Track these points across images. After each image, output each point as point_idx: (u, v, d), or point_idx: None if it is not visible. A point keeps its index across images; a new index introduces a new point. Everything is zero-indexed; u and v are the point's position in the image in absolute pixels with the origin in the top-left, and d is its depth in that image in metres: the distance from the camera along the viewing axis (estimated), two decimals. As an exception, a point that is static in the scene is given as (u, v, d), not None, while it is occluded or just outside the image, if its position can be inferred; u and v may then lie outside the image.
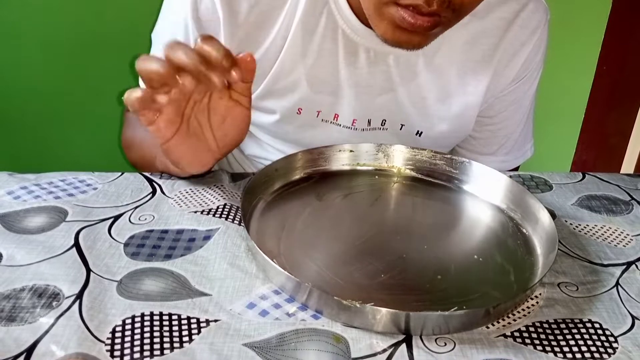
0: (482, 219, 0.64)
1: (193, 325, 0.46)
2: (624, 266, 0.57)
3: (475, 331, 0.47)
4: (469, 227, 0.63)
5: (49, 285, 0.49)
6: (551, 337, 0.47)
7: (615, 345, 0.47)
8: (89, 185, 0.64)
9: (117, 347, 0.43)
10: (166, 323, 0.46)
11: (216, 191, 0.64)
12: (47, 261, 0.51)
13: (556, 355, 0.46)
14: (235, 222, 0.59)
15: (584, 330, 0.48)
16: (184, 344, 0.44)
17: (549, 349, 0.46)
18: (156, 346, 0.44)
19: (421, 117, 0.77)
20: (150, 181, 0.66)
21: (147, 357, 0.43)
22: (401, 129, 0.78)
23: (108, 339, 0.44)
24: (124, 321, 0.46)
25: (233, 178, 0.69)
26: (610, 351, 0.46)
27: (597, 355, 0.46)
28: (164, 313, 0.47)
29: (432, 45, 0.65)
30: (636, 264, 0.57)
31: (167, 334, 0.45)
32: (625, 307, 0.51)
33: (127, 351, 0.43)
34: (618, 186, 0.72)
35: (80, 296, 0.48)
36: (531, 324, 0.49)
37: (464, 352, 0.45)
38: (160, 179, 0.66)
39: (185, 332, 0.45)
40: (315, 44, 0.70)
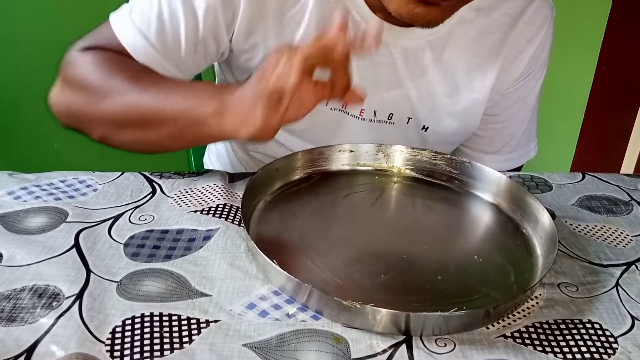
0: (482, 219, 0.64)
1: (193, 326, 0.46)
2: (624, 267, 0.57)
3: (476, 332, 0.47)
4: (469, 227, 0.63)
5: (49, 286, 0.49)
6: (551, 338, 0.47)
7: (615, 345, 0.47)
8: (89, 186, 0.64)
9: (117, 347, 0.43)
10: (166, 324, 0.46)
11: (216, 190, 0.64)
12: (47, 261, 0.51)
13: (556, 356, 0.46)
14: (235, 222, 0.59)
15: (583, 331, 0.48)
16: (184, 345, 0.44)
17: (549, 349, 0.46)
18: (156, 347, 0.44)
19: (429, 112, 0.77)
20: (150, 181, 0.66)
21: (147, 357, 0.43)
22: (408, 122, 0.78)
23: (108, 339, 0.44)
24: (123, 322, 0.46)
25: (232, 178, 0.69)
26: (610, 351, 0.46)
27: (596, 356, 0.46)
28: (164, 314, 0.47)
29: (439, 41, 0.64)
30: (636, 264, 0.57)
31: (167, 334, 0.45)
32: (625, 307, 0.51)
33: (127, 352, 0.43)
34: (618, 186, 0.72)
35: (80, 296, 0.48)
36: (531, 325, 0.49)
37: (464, 353, 0.45)
38: (161, 179, 0.66)
39: (185, 333, 0.45)
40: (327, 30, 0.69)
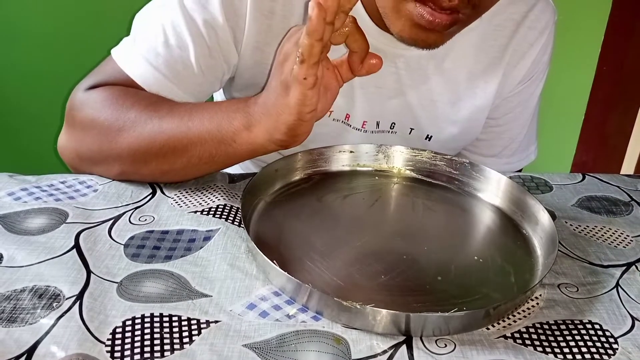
0: (482, 220, 0.64)
1: (193, 327, 0.46)
2: (624, 267, 0.57)
3: (476, 332, 0.47)
4: (469, 228, 0.63)
5: (49, 287, 0.49)
6: (551, 338, 0.47)
7: (615, 346, 0.47)
8: (89, 187, 0.64)
9: (118, 348, 0.43)
10: (166, 324, 0.46)
11: (216, 190, 0.64)
12: (48, 262, 0.51)
13: (556, 357, 0.46)
14: (235, 223, 0.59)
15: (584, 332, 0.48)
16: (184, 345, 0.44)
17: (549, 350, 0.46)
18: (156, 347, 0.44)
19: (431, 120, 0.77)
20: (150, 182, 0.65)
21: (147, 358, 0.43)
22: (410, 133, 0.77)
23: (108, 340, 0.44)
24: (124, 322, 0.46)
25: (232, 179, 0.69)
26: (610, 352, 0.46)
27: (597, 357, 0.46)
28: (164, 314, 0.47)
29: (442, 49, 0.64)
30: (636, 265, 0.57)
31: (168, 335, 0.45)
32: (625, 308, 0.51)
33: (127, 352, 0.43)
34: (618, 187, 0.72)
35: (80, 297, 0.48)
36: (531, 325, 0.49)
37: (464, 354, 0.45)
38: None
39: (185, 334, 0.45)
40: None
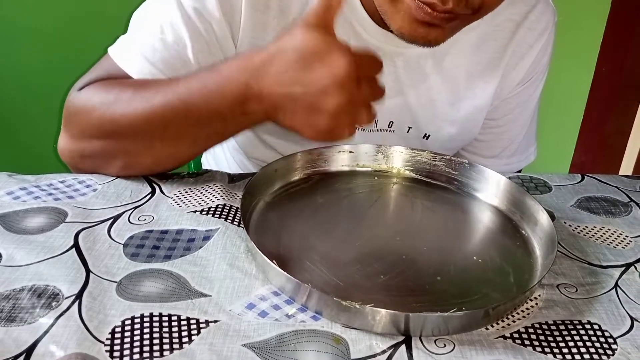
0: (481, 220, 0.64)
1: (192, 326, 0.46)
2: (623, 268, 0.57)
3: (475, 332, 0.47)
4: (468, 228, 0.63)
5: (48, 286, 0.49)
6: (550, 339, 0.47)
7: (614, 346, 0.47)
8: (88, 186, 0.64)
9: (117, 347, 0.43)
10: (166, 324, 0.46)
11: (216, 190, 0.64)
12: (47, 262, 0.51)
13: (555, 357, 0.46)
14: (234, 222, 0.59)
15: (583, 332, 0.48)
16: (184, 345, 0.44)
17: (548, 350, 0.46)
18: (156, 347, 0.44)
19: (429, 120, 0.77)
20: (150, 181, 0.65)
21: (146, 357, 0.43)
22: (408, 131, 0.77)
23: (107, 339, 0.44)
24: (123, 322, 0.46)
25: (232, 179, 0.69)
26: (609, 352, 0.46)
27: (596, 357, 0.46)
28: (163, 314, 0.47)
29: (441, 48, 0.64)
30: (635, 265, 0.57)
31: (167, 334, 0.45)
32: (624, 308, 0.51)
33: (126, 352, 0.43)
34: (617, 188, 0.72)
35: (79, 297, 0.48)
36: (530, 325, 0.49)
37: (463, 354, 0.45)
38: (160, 179, 0.66)
39: (184, 333, 0.45)
40: None
